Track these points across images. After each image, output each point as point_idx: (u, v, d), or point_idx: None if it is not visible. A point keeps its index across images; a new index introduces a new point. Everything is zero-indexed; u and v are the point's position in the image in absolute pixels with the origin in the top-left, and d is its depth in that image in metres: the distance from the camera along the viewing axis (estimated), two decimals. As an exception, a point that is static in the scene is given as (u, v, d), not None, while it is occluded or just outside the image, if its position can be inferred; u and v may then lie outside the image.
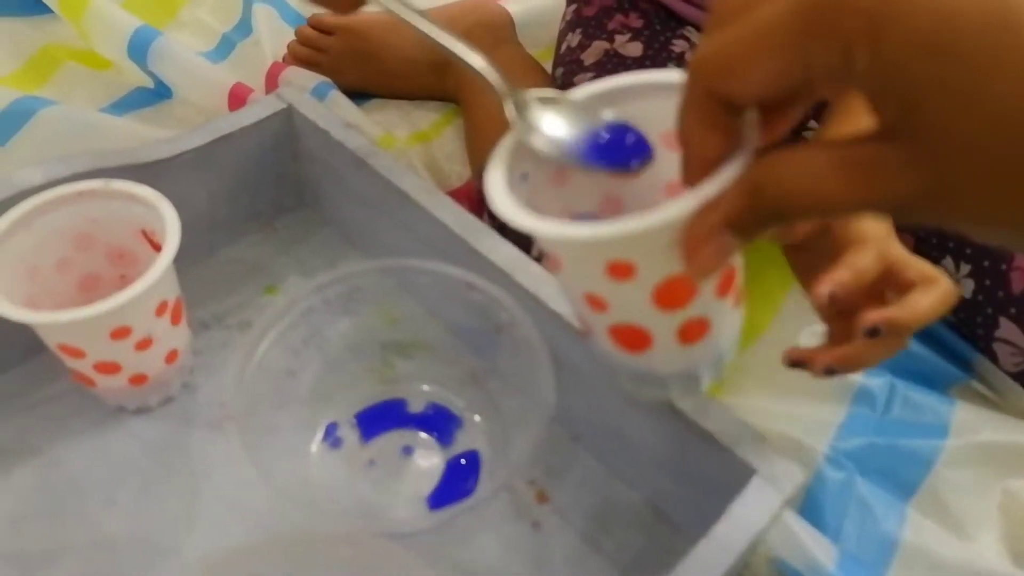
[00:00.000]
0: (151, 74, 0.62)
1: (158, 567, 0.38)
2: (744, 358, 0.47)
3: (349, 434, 0.43)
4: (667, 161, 0.26)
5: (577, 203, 0.29)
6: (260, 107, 0.48)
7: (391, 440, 0.43)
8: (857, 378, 0.46)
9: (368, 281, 0.42)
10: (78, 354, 0.38)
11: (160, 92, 0.64)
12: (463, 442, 0.42)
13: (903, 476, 0.43)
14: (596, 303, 0.26)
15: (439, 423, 0.43)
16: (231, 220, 0.51)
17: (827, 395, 0.46)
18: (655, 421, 0.37)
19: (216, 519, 0.40)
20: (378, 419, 0.43)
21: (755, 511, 0.32)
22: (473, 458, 0.42)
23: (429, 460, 0.42)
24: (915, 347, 0.49)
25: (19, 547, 0.38)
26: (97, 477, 0.41)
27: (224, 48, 0.68)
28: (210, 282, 0.50)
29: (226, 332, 0.48)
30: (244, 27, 0.69)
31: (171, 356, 0.42)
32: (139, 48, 0.61)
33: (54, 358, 0.41)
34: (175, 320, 0.41)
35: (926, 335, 0.50)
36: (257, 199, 0.52)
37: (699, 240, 0.22)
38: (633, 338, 0.27)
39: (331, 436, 0.43)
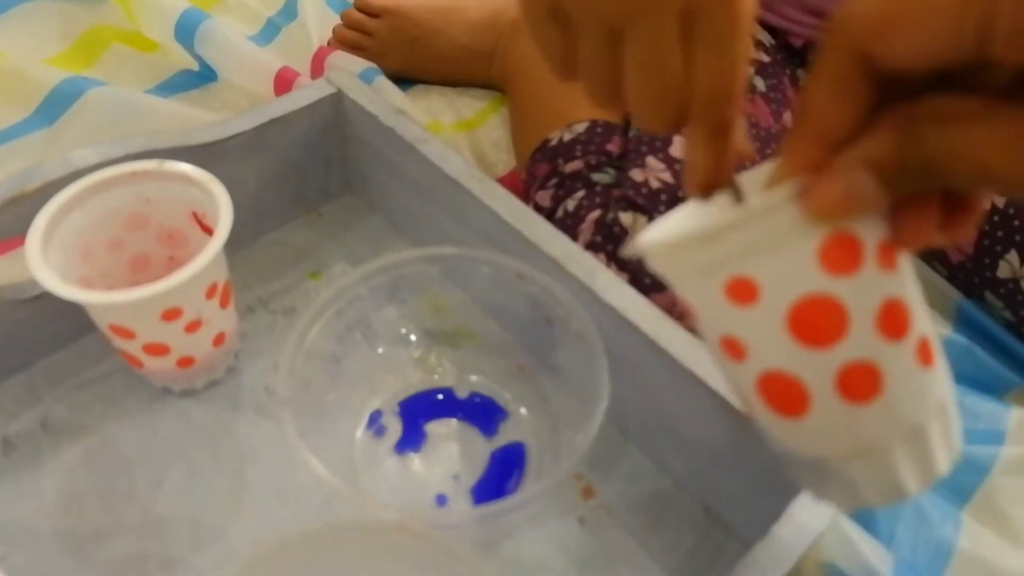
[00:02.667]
0: (197, 57, 0.62)
1: (207, 549, 0.38)
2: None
3: (393, 422, 0.43)
4: None
5: None
6: (310, 91, 0.48)
7: (435, 429, 0.43)
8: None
9: (415, 269, 0.42)
10: (128, 335, 0.38)
11: (205, 75, 0.64)
12: (508, 434, 0.42)
13: (958, 482, 0.42)
14: (732, 348, 0.22)
15: (484, 414, 0.43)
16: (278, 204, 0.51)
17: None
18: (709, 418, 0.36)
19: (263, 503, 0.40)
20: (422, 408, 0.43)
21: (815, 514, 0.31)
22: (519, 451, 0.41)
23: (472, 450, 0.42)
24: (972, 351, 0.47)
25: (70, 525, 0.39)
26: (145, 457, 0.41)
27: (269, 32, 0.68)
28: (255, 266, 0.50)
29: (271, 316, 0.48)
30: (289, 11, 0.69)
31: (219, 339, 0.42)
32: (186, 30, 0.61)
33: (102, 337, 0.41)
34: (224, 303, 0.41)
35: (984, 338, 0.48)
36: (304, 184, 0.51)
37: (829, 174, 0.19)
38: (785, 392, 0.22)
39: (375, 424, 0.42)
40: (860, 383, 0.21)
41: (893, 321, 0.21)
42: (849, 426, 0.22)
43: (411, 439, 0.42)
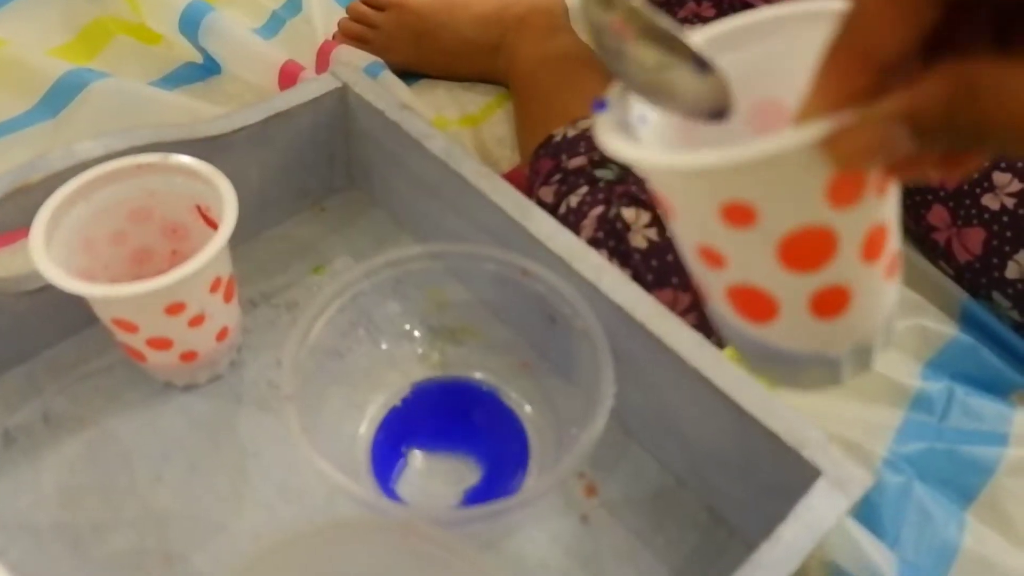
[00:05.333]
0: (201, 49, 0.62)
1: (208, 544, 0.38)
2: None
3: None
4: None
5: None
6: (315, 85, 0.48)
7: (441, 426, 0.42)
8: (915, 383, 0.45)
9: (418, 265, 0.41)
10: (131, 328, 0.38)
11: (209, 67, 0.64)
12: (512, 431, 0.42)
13: (962, 483, 0.42)
14: (711, 257, 0.22)
15: (490, 410, 0.43)
16: (281, 198, 0.51)
17: (883, 399, 0.44)
18: (714, 418, 0.36)
19: (264, 498, 0.40)
20: (430, 403, 0.43)
21: (821, 514, 0.31)
22: (522, 449, 0.41)
23: (476, 448, 0.41)
24: (977, 351, 0.47)
25: (69, 519, 0.39)
26: (146, 452, 0.41)
27: (274, 25, 0.68)
28: (258, 260, 0.50)
29: (273, 311, 0.48)
30: (294, 4, 0.69)
31: (222, 333, 0.41)
32: (191, 23, 0.61)
33: (104, 330, 0.40)
34: (227, 297, 0.41)
35: (990, 339, 0.48)
36: (308, 178, 0.51)
37: (861, 122, 0.16)
38: (755, 304, 0.23)
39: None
40: (832, 303, 0.22)
41: (875, 246, 0.22)
42: (810, 335, 0.23)
43: (415, 437, 0.42)
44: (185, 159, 0.39)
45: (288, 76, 0.58)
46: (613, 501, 0.40)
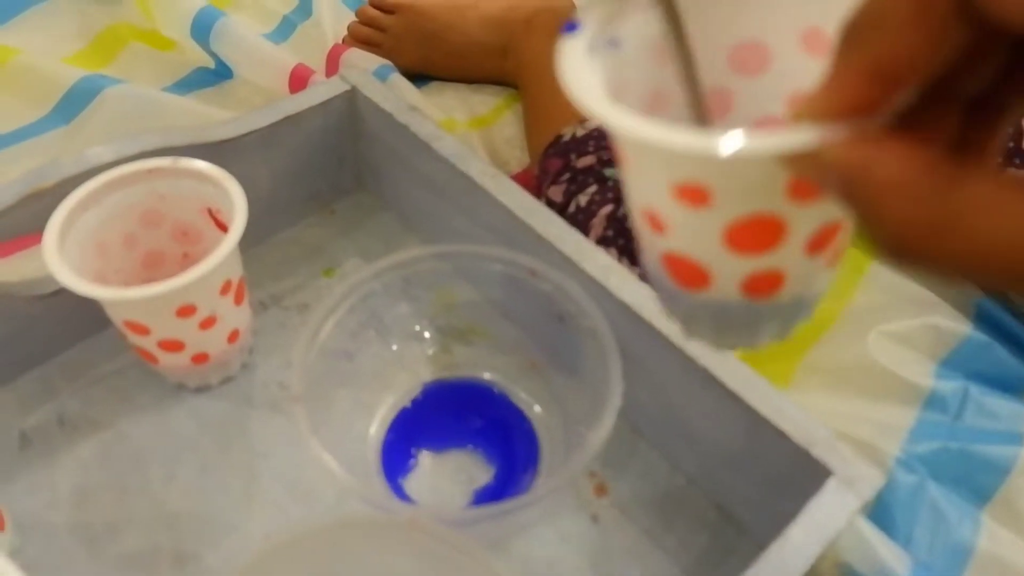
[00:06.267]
0: (213, 54, 0.63)
1: (219, 544, 0.38)
2: (811, 356, 0.46)
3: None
4: (797, 66, 0.21)
5: (676, 91, 0.23)
6: (324, 88, 0.48)
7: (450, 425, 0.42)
8: (928, 382, 0.44)
9: (427, 266, 0.42)
10: (143, 331, 0.38)
11: (221, 72, 0.64)
12: (521, 431, 0.42)
13: (977, 483, 0.42)
14: (654, 222, 0.21)
15: (499, 410, 0.43)
16: (291, 201, 0.51)
17: (896, 398, 0.44)
18: (724, 417, 0.36)
19: (275, 499, 0.40)
20: (440, 403, 0.43)
21: (832, 514, 0.31)
22: (532, 448, 0.41)
23: (486, 448, 0.41)
24: (992, 349, 0.47)
25: (84, 519, 0.39)
26: (159, 453, 0.41)
27: (285, 29, 0.68)
28: (268, 263, 0.50)
29: (284, 313, 0.48)
30: (305, 9, 0.69)
31: (233, 336, 0.42)
32: (202, 28, 0.61)
33: (117, 333, 0.41)
34: (238, 300, 0.41)
35: (1004, 336, 0.48)
36: (317, 181, 0.52)
37: (857, 144, 0.15)
38: (688, 274, 0.22)
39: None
40: (765, 285, 0.21)
41: (824, 240, 0.21)
42: (738, 309, 0.22)
43: (425, 437, 0.42)
44: (195, 163, 0.40)
45: (298, 80, 0.58)
46: (623, 500, 0.40)
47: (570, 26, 0.21)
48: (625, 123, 0.17)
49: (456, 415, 0.43)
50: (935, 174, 0.14)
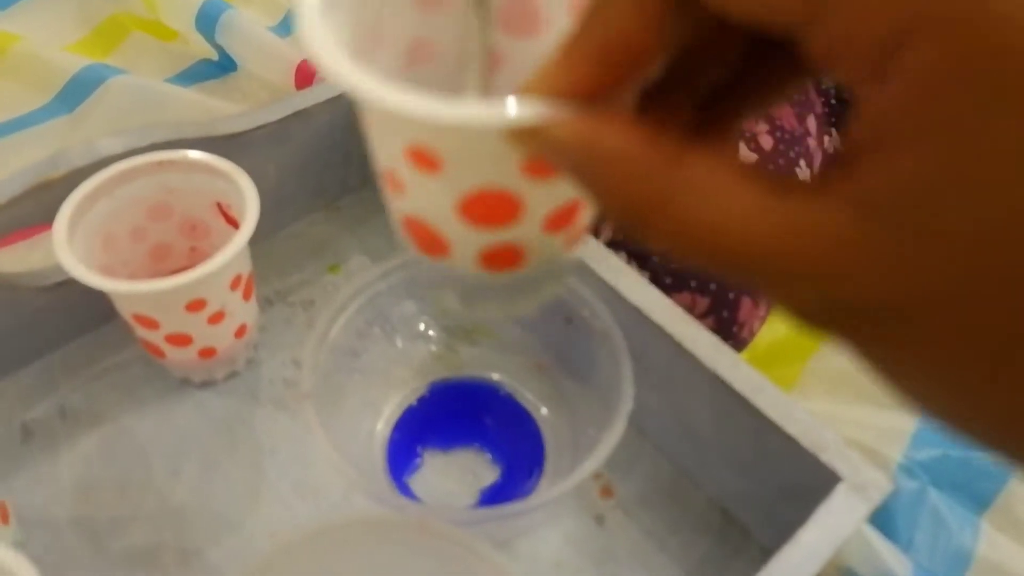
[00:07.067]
0: (217, 47, 0.62)
1: (223, 540, 0.38)
2: (814, 362, 0.46)
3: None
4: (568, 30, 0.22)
5: (440, 41, 0.22)
6: (333, 84, 0.48)
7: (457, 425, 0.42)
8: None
9: (433, 266, 0.41)
10: (152, 324, 0.38)
11: (224, 65, 0.64)
12: (528, 432, 0.42)
13: (977, 489, 0.42)
14: (394, 183, 0.21)
15: (506, 412, 0.43)
16: (297, 197, 0.51)
17: (899, 404, 0.44)
18: (733, 421, 0.36)
19: (280, 495, 0.40)
20: (447, 402, 0.43)
21: (841, 519, 0.31)
22: (538, 449, 0.41)
23: (492, 448, 0.42)
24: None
25: (87, 513, 0.39)
26: (163, 447, 0.41)
27: (290, 23, 0.68)
28: (274, 259, 0.50)
29: (289, 309, 0.48)
30: (310, 3, 0.69)
31: (240, 331, 0.42)
32: (207, 20, 0.61)
33: (122, 326, 0.41)
34: (247, 295, 0.41)
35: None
36: (324, 177, 0.51)
37: (586, 119, 0.15)
38: (427, 240, 0.21)
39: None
40: (503, 259, 0.21)
41: (563, 219, 0.20)
42: (477, 279, 0.22)
43: (431, 436, 0.42)
44: (206, 156, 0.39)
45: (304, 75, 0.58)
46: (628, 502, 0.40)
47: None
48: (352, 80, 0.16)
49: (462, 414, 0.43)
50: (656, 151, 0.14)
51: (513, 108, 0.15)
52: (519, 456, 0.41)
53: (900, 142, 0.11)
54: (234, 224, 0.41)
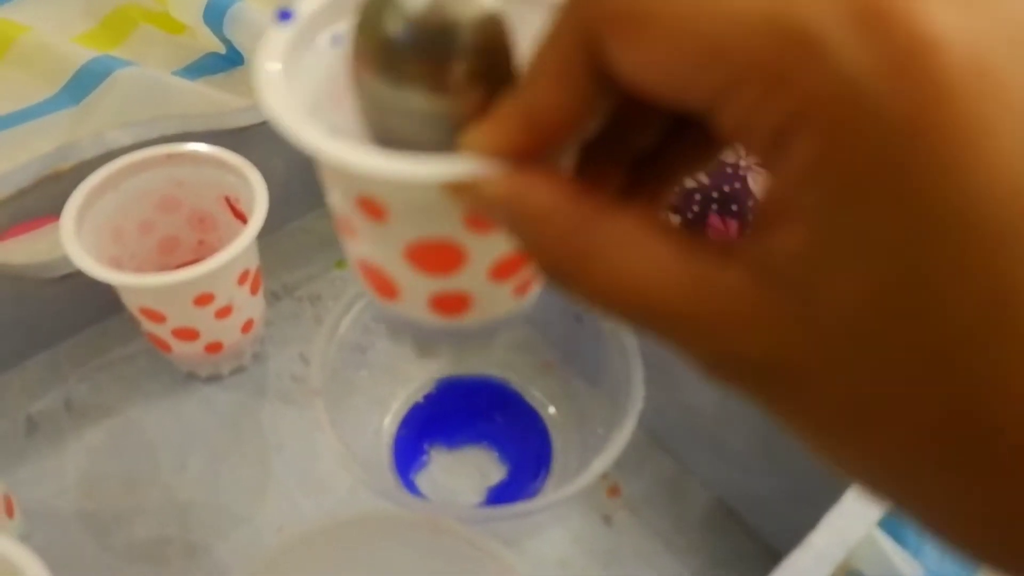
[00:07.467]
0: (225, 40, 0.62)
1: (229, 535, 0.38)
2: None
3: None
4: None
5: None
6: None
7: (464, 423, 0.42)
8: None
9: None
10: (159, 318, 0.38)
11: (232, 58, 0.63)
12: (535, 431, 0.42)
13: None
14: (348, 229, 0.21)
15: (512, 410, 0.43)
16: (304, 191, 0.50)
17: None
18: (741, 422, 0.36)
19: (286, 490, 0.40)
20: (453, 400, 0.43)
21: (852, 523, 0.31)
22: (545, 448, 0.41)
23: (499, 447, 0.41)
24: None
25: (92, 507, 0.39)
26: (169, 441, 0.41)
27: (297, 17, 0.67)
28: (281, 253, 0.50)
29: (296, 304, 0.48)
30: (318, -3, 0.68)
31: (247, 325, 0.41)
32: (215, 13, 0.60)
33: (127, 319, 0.40)
34: (254, 290, 0.41)
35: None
36: (332, 171, 0.51)
37: (515, 179, 0.15)
38: (381, 284, 0.22)
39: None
40: (452, 305, 0.22)
41: (509, 269, 0.21)
42: (428, 323, 0.22)
43: (437, 434, 0.42)
44: (216, 150, 0.39)
45: (313, 69, 0.58)
46: (636, 502, 0.40)
47: (284, 14, 0.19)
48: (301, 135, 0.17)
49: (469, 412, 0.43)
50: (579, 209, 0.14)
51: (445, 165, 0.16)
52: (526, 455, 0.41)
53: (794, 215, 0.12)
54: (242, 218, 0.40)
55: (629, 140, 0.17)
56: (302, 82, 0.20)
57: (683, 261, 0.14)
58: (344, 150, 0.17)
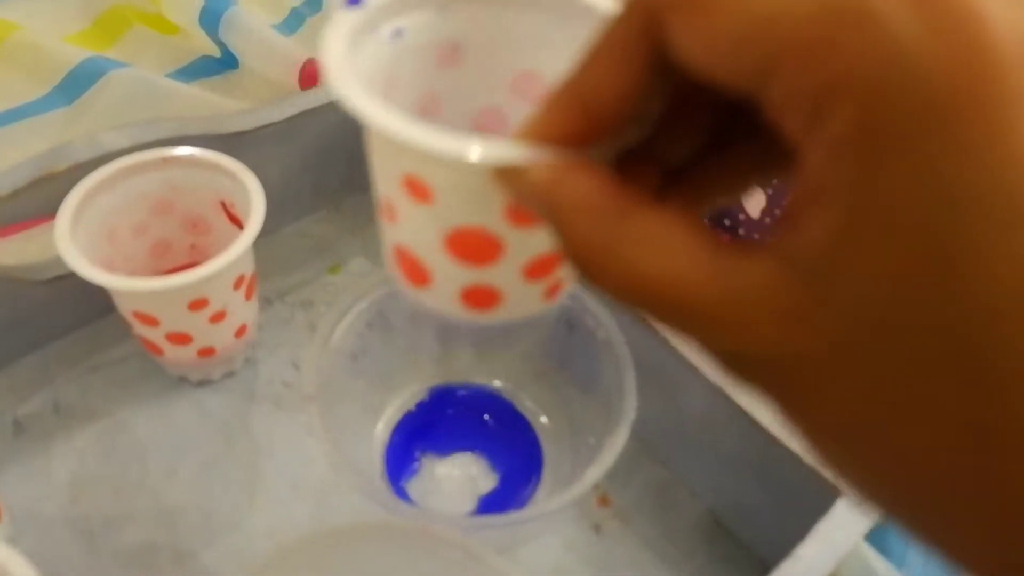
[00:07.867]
0: (220, 43, 0.62)
1: (219, 541, 0.38)
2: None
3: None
4: None
5: (452, 99, 0.24)
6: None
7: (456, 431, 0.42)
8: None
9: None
10: (152, 322, 0.38)
11: (226, 62, 0.63)
12: (526, 439, 0.42)
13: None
14: (390, 213, 0.22)
15: (504, 417, 0.43)
16: (299, 197, 0.51)
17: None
18: (733, 433, 0.36)
19: (277, 496, 0.39)
20: (445, 407, 0.43)
21: (841, 534, 0.31)
22: (536, 457, 0.41)
23: (491, 455, 0.41)
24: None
25: (80, 511, 0.38)
26: (159, 446, 0.41)
27: (293, 22, 0.67)
28: (274, 258, 0.49)
29: (288, 309, 0.48)
30: (314, 2, 0.68)
31: (241, 330, 0.41)
32: (211, 16, 0.60)
33: (119, 321, 0.40)
34: (248, 295, 0.41)
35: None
36: (327, 177, 0.51)
37: (564, 172, 0.16)
38: (414, 271, 0.22)
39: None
40: (482, 299, 0.22)
41: (542, 269, 0.22)
42: (454, 313, 0.23)
43: (429, 441, 0.42)
44: (213, 154, 0.39)
45: (310, 75, 0.58)
46: (626, 512, 0.40)
47: (353, 0, 0.21)
48: (361, 105, 0.18)
49: (461, 420, 0.43)
50: (612, 202, 0.15)
51: (496, 148, 0.17)
52: (518, 463, 0.41)
53: (826, 198, 0.12)
54: (237, 223, 0.40)
55: (670, 143, 0.18)
56: (360, 67, 0.20)
57: (711, 255, 0.14)
58: (404, 123, 0.17)
